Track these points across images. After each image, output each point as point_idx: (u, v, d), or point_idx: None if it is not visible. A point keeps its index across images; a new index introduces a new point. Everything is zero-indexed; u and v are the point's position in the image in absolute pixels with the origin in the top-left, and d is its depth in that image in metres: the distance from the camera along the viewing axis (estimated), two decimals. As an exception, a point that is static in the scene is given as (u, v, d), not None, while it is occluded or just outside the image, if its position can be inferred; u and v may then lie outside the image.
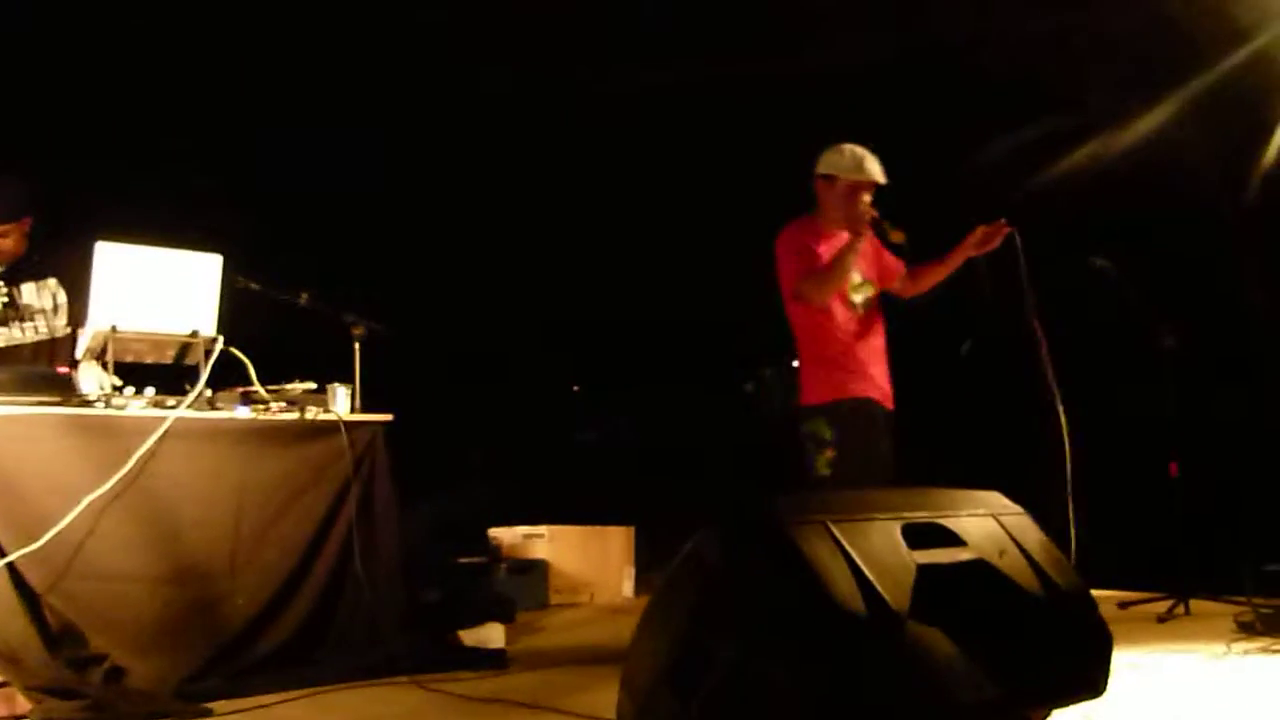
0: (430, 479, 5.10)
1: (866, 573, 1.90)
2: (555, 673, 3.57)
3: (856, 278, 3.71)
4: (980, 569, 2.09)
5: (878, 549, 1.97)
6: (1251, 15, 4.96)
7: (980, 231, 3.62)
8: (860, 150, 3.69)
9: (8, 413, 3.15)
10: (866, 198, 3.63)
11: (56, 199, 4.13)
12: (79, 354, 3.52)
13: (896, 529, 2.04)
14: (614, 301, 8.08)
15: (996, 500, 2.26)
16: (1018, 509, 2.26)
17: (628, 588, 5.34)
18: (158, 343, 3.58)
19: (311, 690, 3.25)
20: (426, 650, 3.65)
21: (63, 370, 3.48)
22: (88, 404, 3.33)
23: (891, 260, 3.83)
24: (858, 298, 3.71)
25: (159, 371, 3.75)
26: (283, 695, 3.19)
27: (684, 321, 8.80)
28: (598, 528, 5.42)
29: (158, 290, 3.48)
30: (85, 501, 3.14)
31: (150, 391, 3.50)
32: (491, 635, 3.91)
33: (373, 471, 3.76)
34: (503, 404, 7.02)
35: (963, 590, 2.03)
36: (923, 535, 2.08)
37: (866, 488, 3.16)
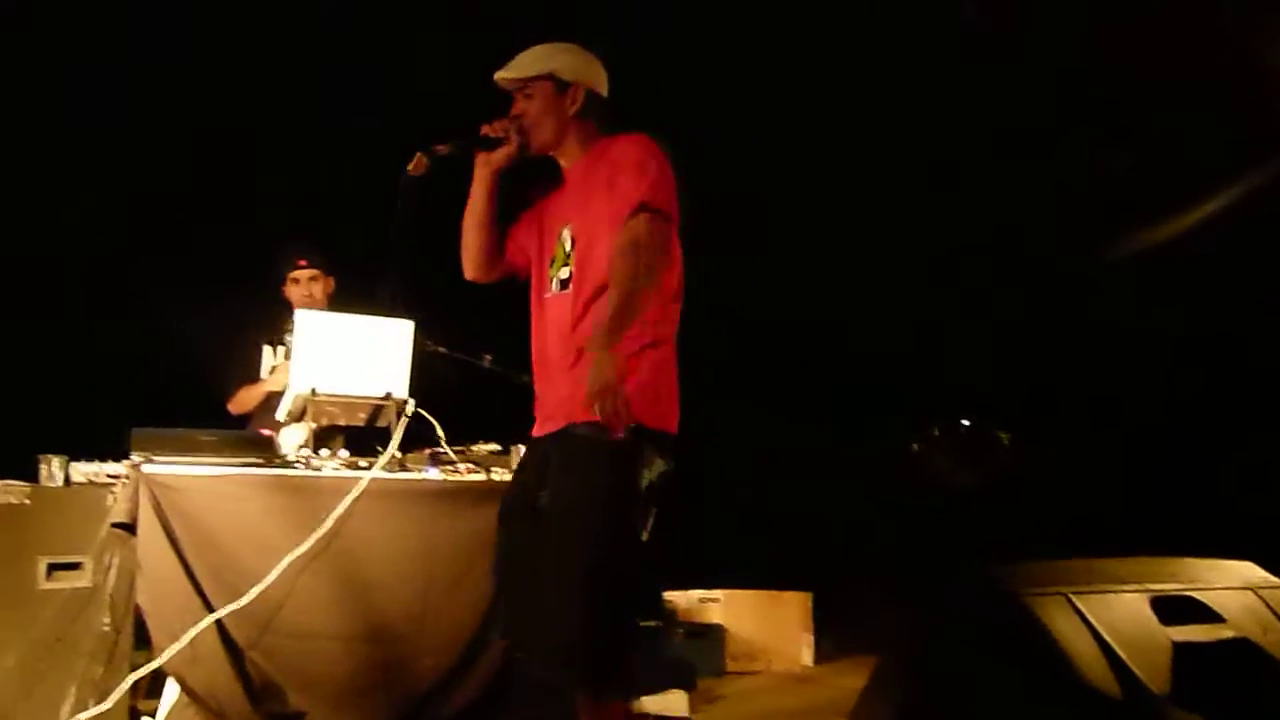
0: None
1: (1118, 650, 1.74)
2: (743, 744, 3.45)
3: (569, 242, 2.60)
4: (1242, 648, 1.89)
5: (1127, 624, 1.81)
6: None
7: None
8: None
9: (217, 473, 3.28)
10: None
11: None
12: (280, 416, 3.65)
13: (1145, 602, 1.87)
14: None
15: (1252, 572, 2.06)
16: (1277, 581, 2.05)
17: (807, 655, 5.16)
18: (350, 405, 3.67)
19: (498, 751, 3.23)
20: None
21: (265, 433, 3.61)
22: (289, 465, 3.44)
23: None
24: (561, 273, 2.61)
25: (344, 432, 3.88)
26: (470, 757, 3.16)
27: (846, 373, 8.59)
28: (774, 592, 5.27)
29: (353, 355, 3.58)
30: (286, 560, 3.21)
31: (344, 453, 3.60)
32: (674, 703, 3.83)
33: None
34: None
35: (1224, 672, 1.84)
36: (1173, 609, 1.90)
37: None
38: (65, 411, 4.12)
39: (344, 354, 3.56)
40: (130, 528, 3.16)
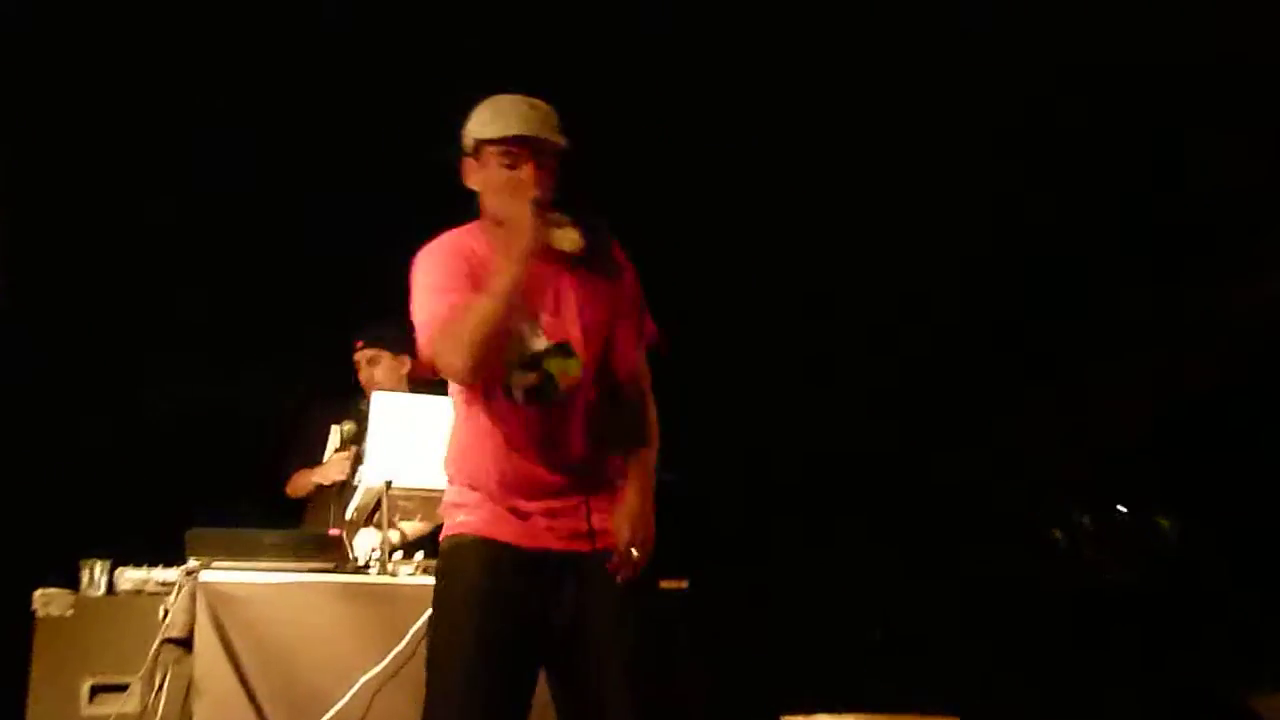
0: (717, 652, 4.57)
1: None
2: None
3: (540, 341, 2.17)
4: None
5: None
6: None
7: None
8: (507, 98, 2.21)
9: (283, 580, 2.95)
10: (524, 170, 2.15)
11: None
12: (349, 514, 3.31)
13: None
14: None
15: None
16: None
17: (956, 787, 4.50)
18: (429, 500, 3.29)
19: None
20: None
21: (334, 532, 3.26)
22: (361, 570, 3.09)
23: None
24: (526, 378, 2.16)
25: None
26: None
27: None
28: (916, 718, 4.65)
29: (434, 443, 3.21)
30: (361, 680, 2.86)
31: (419, 556, 3.25)
32: None
33: (670, 645, 3.29)
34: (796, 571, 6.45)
35: None
36: None
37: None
38: (107, 501, 3.75)
39: (423, 441, 3.19)
40: (186, 643, 2.83)
